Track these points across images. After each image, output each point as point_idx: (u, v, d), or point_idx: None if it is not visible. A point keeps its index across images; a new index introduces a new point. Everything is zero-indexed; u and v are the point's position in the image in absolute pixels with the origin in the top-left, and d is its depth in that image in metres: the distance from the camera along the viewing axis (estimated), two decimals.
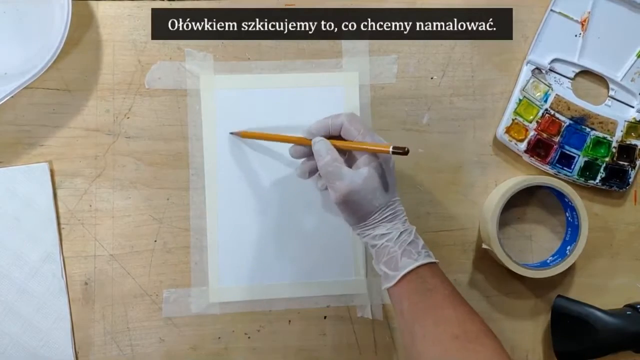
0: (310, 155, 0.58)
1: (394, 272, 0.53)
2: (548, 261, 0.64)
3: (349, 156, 0.57)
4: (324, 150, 0.55)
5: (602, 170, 0.65)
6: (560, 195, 0.64)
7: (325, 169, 0.54)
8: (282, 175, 0.64)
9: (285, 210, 0.64)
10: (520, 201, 0.66)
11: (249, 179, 0.64)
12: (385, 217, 0.54)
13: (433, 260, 0.54)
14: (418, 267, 0.53)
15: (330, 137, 0.57)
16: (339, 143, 0.56)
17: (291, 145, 0.59)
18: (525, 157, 0.65)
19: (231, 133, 0.63)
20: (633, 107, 0.66)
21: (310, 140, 0.57)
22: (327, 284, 0.64)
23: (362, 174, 0.53)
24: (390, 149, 0.52)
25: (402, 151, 0.52)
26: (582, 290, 0.66)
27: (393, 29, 0.66)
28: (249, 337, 0.64)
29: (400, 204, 0.56)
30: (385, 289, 0.55)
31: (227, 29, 0.65)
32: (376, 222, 0.54)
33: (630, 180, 0.66)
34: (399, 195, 0.56)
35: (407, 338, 0.53)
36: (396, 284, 0.53)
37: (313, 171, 0.59)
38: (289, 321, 0.64)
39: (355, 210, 0.54)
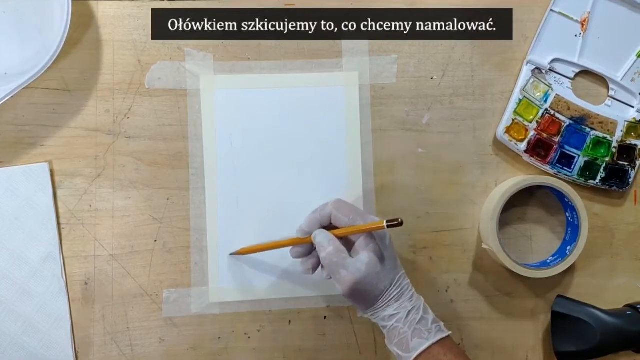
0: (309, 253, 0.58)
1: (406, 353, 0.53)
2: (548, 261, 0.64)
3: (345, 243, 0.56)
4: (325, 241, 0.55)
5: (602, 170, 0.65)
6: (560, 195, 0.64)
7: (329, 260, 0.54)
8: (282, 175, 0.64)
9: (285, 209, 0.64)
10: (520, 201, 0.66)
11: (249, 178, 0.64)
12: (393, 297, 0.54)
13: (445, 334, 0.54)
14: (430, 346, 0.53)
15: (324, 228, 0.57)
16: (334, 232, 0.56)
17: (291, 247, 0.59)
18: (525, 157, 0.65)
19: (231, 254, 0.63)
20: (633, 107, 0.66)
21: (306, 238, 0.57)
22: (327, 284, 0.64)
23: (363, 260, 0.53)
24: (385, 224, 0.52)
25: (397, 223, 0.52)
26: (582, 290, 0.66)
27: (393, 29, 0.66)
28: (249, 337, 0.64)
29: (405, 278, 0.56)
30: None
31: (227, 29, 0.65)
32: (384, 304, 0.54)
33: (630, 180, 0.66)
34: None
35: None
36: None
37: (316, 266, 0.59)
38: (289, 321, 0.64)
39: (363, 297, 0.54)
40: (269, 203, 0.64)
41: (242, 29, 0.65)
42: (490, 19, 0.67)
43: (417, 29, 0.66)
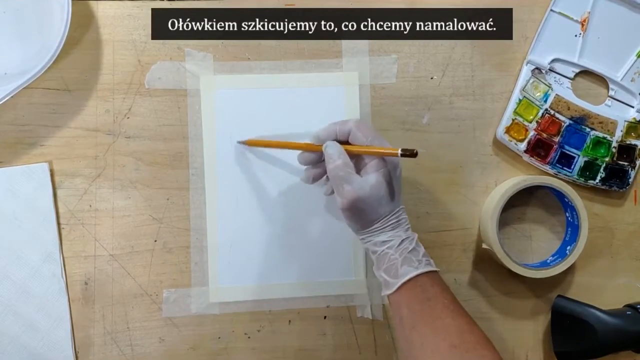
0: (317, 162, 0.58)
1: (393, 279, 0.53)
2: (548, 261, 0.64)
3: (356, 162, 0.56)
4: (335, 153, 0.54)
5: (602, 170, 0.65)
6: (560, 195, 0.64)
7: (336, 172, 0.54)
8: (282, 175, 0.64)
9: (285, 209, 0.64)
10: (520, 201, 0.66)
11: (249, 178, 0.64)
12: (389, 224, 0.54)
13: (434, 268, 0.54)
14: (418, 275, 0.53)
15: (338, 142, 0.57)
16: (348, 147, 0.55)
17: (299, 152, 0.59)
18: (525, 157, 0.65)
19: (238, 142, 0.63)
20: (633, 107, 0.66)
21: (319, 146, 0.57)
22: (327, 284, 0.64)
23: (370, 181, 0.53)
24: (399, 152, 0.52)
25: (411, 153, 0.51)
26: (582, 290, 0.66)
27: (393, 29, 0.66)
28: (249, 337, 0.64)
29: (404, 212, 0.56)
30: (385, 296, 0.55)
31: (227, 29, 0.65)
32: (379, 230, 0.54)
33: (630, 180, 0.66)
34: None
35: (404, 345, 0.53)
36: (395, 291, 0.53)
37: (317, 177, 0.59)
38: (289, 321, 0.64)
39: (360, 217, 0.54)
40: (269, 203, 0.64)
41: (242, 29, 0.65)
42: (490, 19, 0.67)
43: (417, 29, 0.66)
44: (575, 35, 0.66)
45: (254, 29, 0.65)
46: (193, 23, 0.65)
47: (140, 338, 0.63)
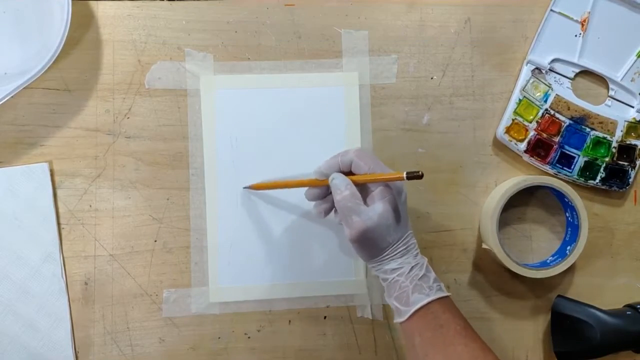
0: (324, 196, 0.58)
1: (405, 307, 0.53)
2: (548, 261, 0.64)
3: (361, 191, 0.56)
4: (342, 185, 0.54)
5: (602, 170, 0.65)
6: (560, 195, 0.64)
7: (344, 204, 0.53)
8: (281, 175, 0.64)
9: (285, 209, 0.64)
10: (520, 201, 0.66)
11: (249, 178, 0.64)
12: (398, 252, 0.54)
13: (445, 294, 0.54)
14: (429, 302, 0.52)
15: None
16: (354, 178, 0.55)
17: (306, 189, 0.59)
18: (525, 157, 0.65)
19: (244, 188, 0.63)
20: (633, 107, 0.66)
21: (324, 180, 0.57)
22: (327, 284, 0.64)
23: (377, 209, 0.53)
24: (404, 175, 0.51)
25: (416, 175, 0.51)
26: (582, 290, 0.66)
27: (393, 29, 0.66)
28: (249, 337, 0.64)
29: (412, 237, 0.56)
30: (397, 323, 0.54)
31: (227, 29, 0.65)
32: (389, 257, 0.54)
33: (630, 180, 0.66)
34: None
35: None
36: (408, 319, 0.53)
37: (328, 211, 0.58)
38: (289, 321, 0.64)
39: (369, 246, 0.54)
40: (269, 203, 0.64)
41: (242, 29, 0.65)
42: (490, 19, 0.67)
43: (417, 29, 0.66)
44: (575, 35, 0.66)
45: (254, 29, 0.65)
46: (193, 23, 0.65)
47: (140, 338, 0.63)
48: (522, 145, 0.65)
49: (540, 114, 0.65)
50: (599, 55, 0.66)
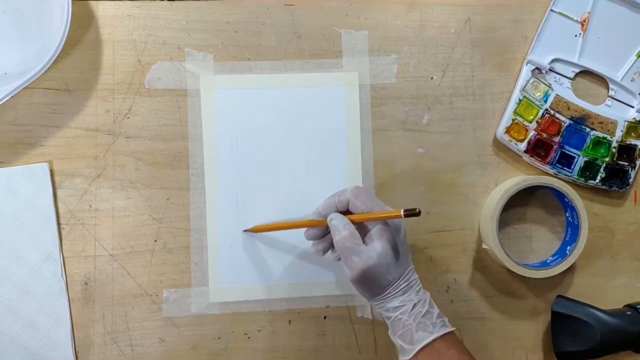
0: (323, 235, 0.58)
1: (409, 345, 0.53)
2: (548, 261, 0.64)
3: (359, 230, 0.56)
4: (341, 225, 0.54)
5: (602, 170, 0.65)
6: (560, 195, 0.64)
7: (343, 244, 0.54)
8: (281, 175, 0.64)
9: (285, 209, 0.64)
10: (520, 201, 0.66)
11: (249, 178, 0.64)
12: (400, 289, 0.54)
13: (449, 329, 0.54)
14: (434, 340, 0.52)
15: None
16: (352, 217, 0.55)
17: (305, 229, 0.59)
18: (525, 157, 0.65)
19: (244, 231, 0.63)
20: (633, 107, 0.66)
21: (322, 220, 0.57)
22: (327, 284, 0.64)
23: (377, 248, 0.53)
24: (402, 213, 0.51)
25: (414, 213, 0.51)
26: (582, 290, 0.66)
27: (393, 29, 0.66)
28: (249, 337, 0.64)
29: (414, 273, 0.56)
30: None
31: (227, 29, 0.65)
32: (391, 296, 0.54)
33: (630, 180, 0.66)
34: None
35: None
36: (412, 357, 0.53)
37: (326, 249, 0.58)
38: (289, 321, 0.64)
39: (370, 285, 0.54)
40: (268, 203, 0.64)
41: (242, 29, 0.65)
42: (490, 19, 0.67)
43: (417, 29, 0.66)
44: (575, 35, 0.66)
45: (254, 29, 0.65)
46: (193, 23, 0.65)
47: (140, 338, 0.63)
48: (522, 145, 0.65)
49: (540, 114, 0.65)
50: (599, 55, 0.66)
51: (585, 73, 0.67)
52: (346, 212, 0.56)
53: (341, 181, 0.65)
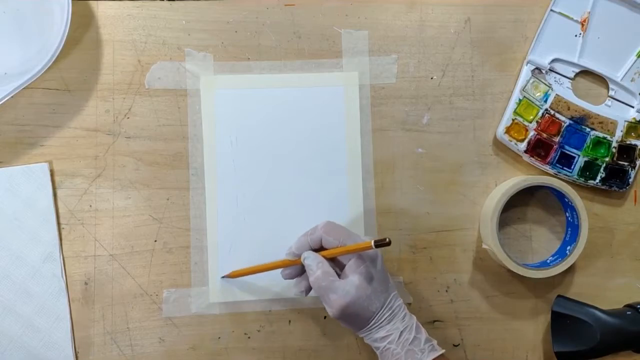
0: (301, 273, 0.58)
1: None
2: (548, 261, 0.64)
3: (336, 264, 0.56)
4: (314, 264, 0.55)
5: (602, 170, 0.65)
6: (560, 195, 0.64)
7: (318, 284, 0.54)
8: (282, 175, 0.64)
9: (285, 209, 0.64)
10: (520, 201, 0.66)
11: (249, 178, 0.64)
12: (384, 319, 0.54)
13: (438, 352, 0.54)
14: None
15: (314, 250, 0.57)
16: (324, 253, 0.55)
17: (282, 269, 0.59)
18: (525, 157, 0.65)
19: (222, 277, 0.63)
20: (633, 107, 0.66)
21: (296, 260, 0.57)
22: None
23: (354, 282, 0.53)
24: (372, 244, 0.51)
25: (384, 243, 0.51)
26: (582, 290, 0.66)
27: (393, 29, 0.66)
28: (249, 337, 0.64)
29: (397, 299, 0.55)
30: None
31: (227, 29, 0.65)
32: (376, 326, 0.54)
33: (630, 180, 0.66)
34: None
35: None
36: None
37: (310, 288, 0.58)
38: (289, 321, 0.64)
39: (354, 320, 0.54)
40: (268, 203, 0.64)
41: (242, 29, 0.65)
42: (490, 19, 0.67)
43: (417, 29, 0.66)
44: (575, 35, 0.66)
45: (253, 29, 0.65)
46: (193, 23, 0.65)
47: (140, 338, 0.63)
48: (522, 145, 0.65)
49: (540, 114, 0.65)
50: (599, 55, 0.66)
51: (585, 73, 0.67)
52: (320, 248, 0.56)
53: (341, 181, 0.65)
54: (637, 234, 0.67)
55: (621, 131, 0.65)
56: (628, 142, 0.66)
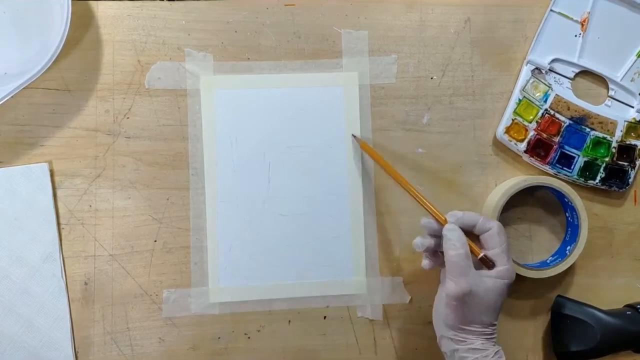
0: (438, 235, 0.57)
1: None
2: (548, 261, 0.64)
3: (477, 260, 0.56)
4: (459, 242, 0.54)
5: (601, 170, 0.65)
6: (560, 195, 0.64)
7: (457, 260, 0.54)
8: (282, 175, 0.64)
9: (285, 210, 0.64)
10: (520, 201, 0.66)
11: (248, 178, 0.64)
12: (485, 334, 0.55)
13: None
14: None
15: (464, 231, 0.56)
16: (472, 245, 0.56)
17: (423, 217, 0.58)
18: (525, 157, 0.65)
19: (353, 135, 0.64)
20: (633, 107, 0.66)
21: (444, 219, 0.57)
22: (327, 284, 0.64)
23: (487, 283, 0.54)
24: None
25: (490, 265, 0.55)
26: (582, 290, 0.66)
27: (393, 29, 0.66)
28: (249, 337, 0.64)
29: (496, 330, 0.56)
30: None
31: (227, 29, 0.65)
32: (476, 334, 0.54)
33: (630, 180, 0.66)
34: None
35: None
36: None
37: (430, 247, 0.58)
38: (289, 321, 0.64)
39: (463, 311, 0.54)
40: (268, 203, 0.64)
41: (242, 29, 0.65)
42: (490, 19, 0.67)
43: (417, 29, 0.66)
44: (575, 35, 0.66)
45: (253, 29, 0.65)
46: (193, 23, 0.65)
47: (140, 338, 0.63)
48: (522, 145, 0.65)
49: (540, 114, 0.65)
50: (598, 55, 0.66)
51: (585, 73, 0.67)
52: (469, 233, 0.56)
53: (341, 181, 0.65)
54: (637, 234, 0.67)
55: (621, 131, 0.65)
56: (628, 142, 0.66)
